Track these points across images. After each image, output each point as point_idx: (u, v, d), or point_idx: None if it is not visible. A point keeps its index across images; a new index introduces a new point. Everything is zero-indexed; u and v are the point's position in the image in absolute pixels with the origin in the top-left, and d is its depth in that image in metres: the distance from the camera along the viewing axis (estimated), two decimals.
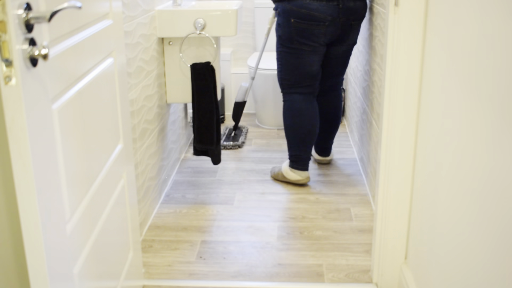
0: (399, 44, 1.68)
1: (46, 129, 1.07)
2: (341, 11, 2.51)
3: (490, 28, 1.13)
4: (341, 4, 2.50)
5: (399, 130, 1.75)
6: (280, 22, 2.60)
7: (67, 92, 1.19)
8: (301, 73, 2.64)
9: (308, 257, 2.16)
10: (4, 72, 0.93)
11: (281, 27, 2.60)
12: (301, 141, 2.71)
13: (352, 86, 3.49)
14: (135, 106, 2.16)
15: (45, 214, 1.05)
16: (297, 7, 2.50)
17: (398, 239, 1.86)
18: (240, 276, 2.04)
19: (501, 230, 1.08)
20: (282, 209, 2.55)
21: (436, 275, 1.50)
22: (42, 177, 1.04)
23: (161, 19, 2.53)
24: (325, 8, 2.48)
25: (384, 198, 1.84)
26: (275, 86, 3.54)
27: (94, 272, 1.37)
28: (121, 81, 1.63)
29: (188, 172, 2.97)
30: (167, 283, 1.99)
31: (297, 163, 2.76)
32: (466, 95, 1.28)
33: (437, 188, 1.50)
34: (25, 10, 0.96)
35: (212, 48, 2.64)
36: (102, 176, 1.44)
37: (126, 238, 1.70)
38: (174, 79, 2.69)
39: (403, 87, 1.71)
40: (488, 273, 1.14)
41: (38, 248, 1.04)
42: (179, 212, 2.52)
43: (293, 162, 2.77)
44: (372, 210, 2.52)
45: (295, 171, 2.76)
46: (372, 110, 2.64)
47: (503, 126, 1.07)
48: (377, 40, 2.53)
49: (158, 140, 2.57)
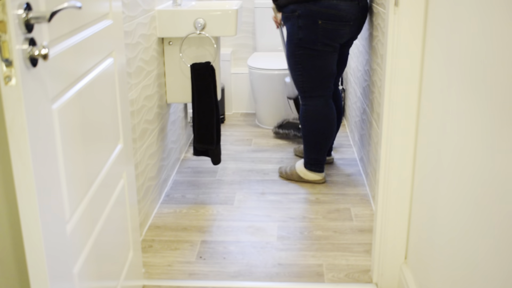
0: (399, 44, 1.68)
1: (46, 129, 1.07)
2: (360, 9, 2.54)
3: (490, 28, 1.13)
4: (360, 2, 2.52)
5: (399, 130, 1.75)
6: (302, 25, 2.51)
7: (67, 92, 1.19)
8: (325, 75, 2.61)
9: (308, 257, 2.16)
10: (4, 72, 0.93)
11: (302, 29, 2.52)
12: (323, 145, 2.72)
13: (352, 86, 3.49)
14: (135, 106, 2.16)
15: (45, 214, 1.05)
16: (325, 8, 2.44)
17: (398, 239, 1.86)
18: (240, 276, 2.04)
19: (501, 230, 1.08)
20: (282, 209, 2.55)
21: (436, 275, 1.50)
22: (42, 177, 1.04)
23: (161, 19, 2.53)
24: (350, 8, 2.48)
25: (384, 198, 1.84)
26: (275, 86, 3.54)
27: (94, 272, 1.37)
28: (121, 81, 1.63)
29: (188, 172, 2.97)
30: (167, 283, 1.99)
31: (315, 166, 2.77)
32: (466, 95, 1.28)
33: (437, 188, 1.50)
34: (25, 10, 0.96)
35: (212, 48, 2.64)
36: (102, 176, 1.44)
37: (126, 238, 1.70)
38: (174, 79, 2.69)
39: (403, 87, 1.71)
40: (488, 273, 1.14)
41: (38, 248, 1.04)
42: (179, 212, 2.52)
43: (312, 165, 2.77)
44: (372, 210, 2.52)
45: (314, 172, 2.77)
46: (372, 110, 2.64)
47: (503, 126, 1.07)
48: (377, 40, 2.53)
49: (158, 140, 2.57)
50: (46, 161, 1.06)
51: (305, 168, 2.78)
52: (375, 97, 2.56)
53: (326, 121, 2.68)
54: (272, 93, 3.57)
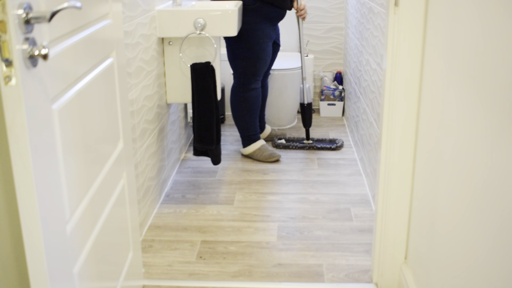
0: (399, 44, 1.68)
1: (46, 129, 1.07)
2: None
3: (490, 28, 1.13)
4: None
5: (399, 130, 1.75)
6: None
7: (67, 92, 1.19)
8: None
9: (308, 257, 2.16)
10: (4, 72, 0.93)
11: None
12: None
13: (352, 86, 3.49)
14: (135, 106, 2.16)
15: (45, 214, 1.05)
16: None
17: (398, 239, 1.86)
18: (240, 276, 2.04)
19: (501, 230, 1.08)
20: (282, 209, 2.55)
21: (436, 275, 1.50)
22: (42, 177, 1.04)
23: (161, 19, 2.52)
24: None
25: (384, 198, 1.84)
26: (275, 86, 3.54)
27: (94, 272, 1.37)
28: (121, 81, 1.63)
29: (188, 172, 2.97)
30: (167, 283, 1.99)
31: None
32: (466, 95, 1.28)
33: (437, 188, 1.50)
34: (25, 10, 0.96)
35: (212, 48, 2.64)
36: (102, 176, 1.44)
37: (126, 238, 1.70)
38: (174, 79, 2.69)
39: (403, 87, 1.71)
40: (488, 273, 1.14)
41: (38, 248, 1.04)
42: (179, 212, 2.52)
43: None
44: (372, 210, 2.52)
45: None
46: (372, 110, 2.64)
47: (503, 126, 1.07)
48: (377, 40, 2.53)
49: (158, 140, 2.57)
50: (46, 161, 1.06)
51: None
52: (375, 97, 2.56)
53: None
54: (272, 93, 3.56)
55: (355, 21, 3.37)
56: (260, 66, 2.99)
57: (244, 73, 2.99)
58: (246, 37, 2.90)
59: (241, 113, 3.08)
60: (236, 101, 3.07)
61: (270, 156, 3.09)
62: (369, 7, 2.80)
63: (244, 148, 3.16)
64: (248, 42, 2.91)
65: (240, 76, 3.02)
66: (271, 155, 3.09)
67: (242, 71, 2.99)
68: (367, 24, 2.86)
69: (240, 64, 2.98)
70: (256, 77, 3.01)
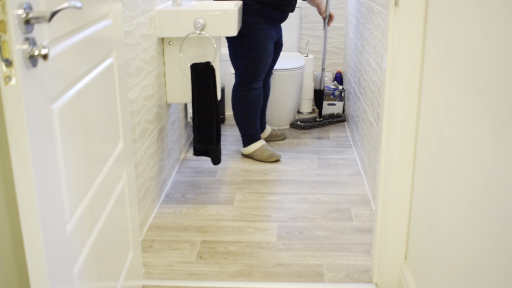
0: (399, 44, 1.68)
1: (46, 129, 1.07)
2: None
3: (490, 28, 1.13)
4: None
5: (399, 130, 1.75)
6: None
7: (67, 92, 1.19)
8: None
9: (308, 257, 2.16)
10: (4, 72, 0.93)
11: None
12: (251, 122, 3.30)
13: (352, 86, 3.49)
14: (135, 106, 2.16)
15: (45, 214, 1.05)
16: None
17: (398, 239, 1.86)
18: (240, 276, 2.04)
19: (501, 230, 1.08)
20: (282, 209, 2.55)
21: (436, 275, 1.50)
22: (42, 177, 1.04)
23: (161, 19, 2.52)
24: None
25: (384, 198, 1.84)
26: (275, 86, 3.54)
27: (94, 272, 1.37)
28: (121, 81, 1.63)
29: (188, 172, 2.97)
30: (167, 283, 1.99)
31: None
32: (466, 95, 1.28)
33: (437, 188, 1.50)
34: (25, 10, 0.95)
35: (212, 48, 2.64)
36: (102, 176, 1.44)
37: (126, 238, 1.70)
38: (174, 79, 2.69)
39: (403, 87, 1.71)
40: (488, 273, 1.14)
41: (38, 248, 1.04)
42: (179, 212, 2.52)
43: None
44: (372, 210, 2.52)
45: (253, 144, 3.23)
46: (372, 110, 2.64)
47: (504, 126, 1.07)
48: (377, 40, 2.53)
49: (158, 140, 2.57)
50: (46, 161, 1.06)
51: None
52: (375, 97, 2.56)
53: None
54: (272, 93, 3.57)
55: (355, 21, 3.37)
56: (262, 66, 2.99)
57: (245, 73, 2.99)
58: (248, 36, 2.90)
59: (242, 112, 3.08)
60: (237, 100, 3.07)
61: (270, 156, 3.09)
62: (369, 7, 2.80)
63: (244, 147, 3.16)
64: (249, 41, 2.91)
65: (241, 76, 3.02)
66: (271, 155, 3.09)
67: (244, 70, 2.99)
68: (367, 24, 2.86)
69: (241, 64, 2.98)
70: (258, 76, 3.01)
